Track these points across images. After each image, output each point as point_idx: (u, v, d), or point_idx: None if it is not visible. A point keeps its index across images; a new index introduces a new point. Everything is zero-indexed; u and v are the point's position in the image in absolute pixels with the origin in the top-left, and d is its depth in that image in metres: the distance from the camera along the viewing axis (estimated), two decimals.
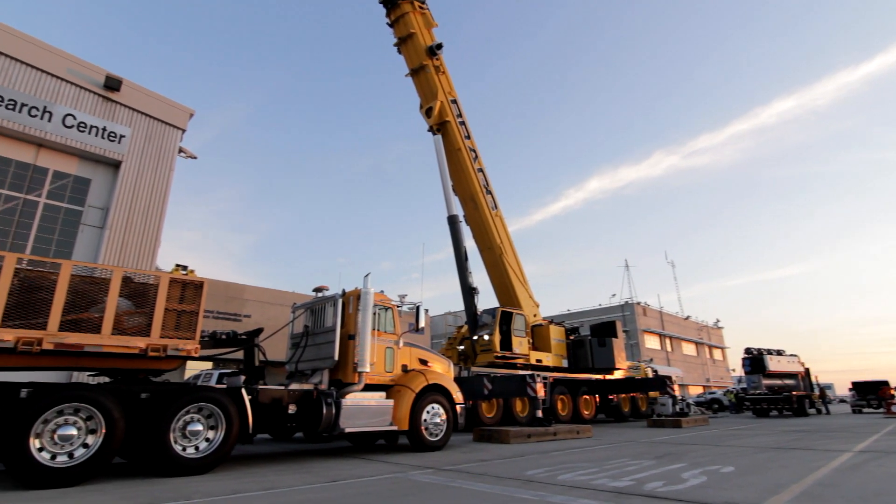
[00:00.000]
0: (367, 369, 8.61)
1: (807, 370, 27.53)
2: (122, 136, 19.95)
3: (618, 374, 20.09)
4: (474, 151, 19.36)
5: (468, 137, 19.33)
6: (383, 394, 9.03)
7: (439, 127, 18.83)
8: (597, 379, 19.23)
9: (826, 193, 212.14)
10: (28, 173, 18.30)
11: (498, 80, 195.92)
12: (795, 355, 27.72)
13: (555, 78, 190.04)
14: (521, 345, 17.23)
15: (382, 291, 9.70)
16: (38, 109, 18.31)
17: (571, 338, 20.15)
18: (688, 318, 59.35)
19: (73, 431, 5.52)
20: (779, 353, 26.79)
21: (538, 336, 18.83)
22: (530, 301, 19.63)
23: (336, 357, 8.66)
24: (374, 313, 9.17)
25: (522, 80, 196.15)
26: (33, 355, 5.67)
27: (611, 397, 20.23)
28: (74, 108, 19.12)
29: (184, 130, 21.94)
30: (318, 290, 9.75)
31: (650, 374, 23.47)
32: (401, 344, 9.77)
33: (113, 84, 19.94)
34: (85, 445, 5.59)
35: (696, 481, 5.60)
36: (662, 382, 18.18)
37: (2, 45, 18.00)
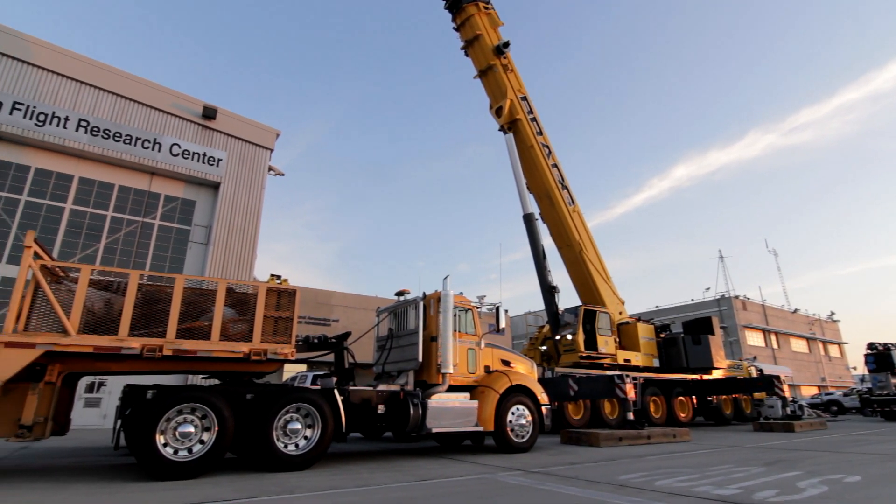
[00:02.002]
0: (451, 370, 8.72)
1: None
2: (219, 160, 21.87)
3: (716, 374, 18.68)
4: (547, 147, 18.98)
5: (540, 133, 18.99)
6: (467, 395, 9.09)
7: (510, 125, 18.68)
8: (693, 379, 18.01)
9: None
10: (144, 199, 20.57)
11: (570, 70, 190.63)
12: None
13: (629, 61, 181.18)
14: (606, 344, 16.58)
15: (461, 293, 9.79)
16: (149, 142, 20.53)
17: (662, 336, 19.05)
18: (795, 311, 53.90)
19: (191, 429, 6.12)
20: None
21: (625, 334, 18.02)
22: (615, 298, 18.84)
23: (420, 359, 8.86)
24: (455, 315, 9.26)
25: (595, 68, 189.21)
26: (155, 360, 6.35)
27: (710, 399, 18.84)
28: (179, 137, 21.27)
29: (272, 150, 23.61)
30: (399, 293, 10.04)
31: (754, 374, 21.60)
32: (482, 345, 9.79)
33: (209, 113, 21.93)
34: (201, 442, 6.18)
35: (815, 491, 5.06)
36: (770, 382, 16.60)
37: (119, 88, 20.42)
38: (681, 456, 8.56)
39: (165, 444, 5.94)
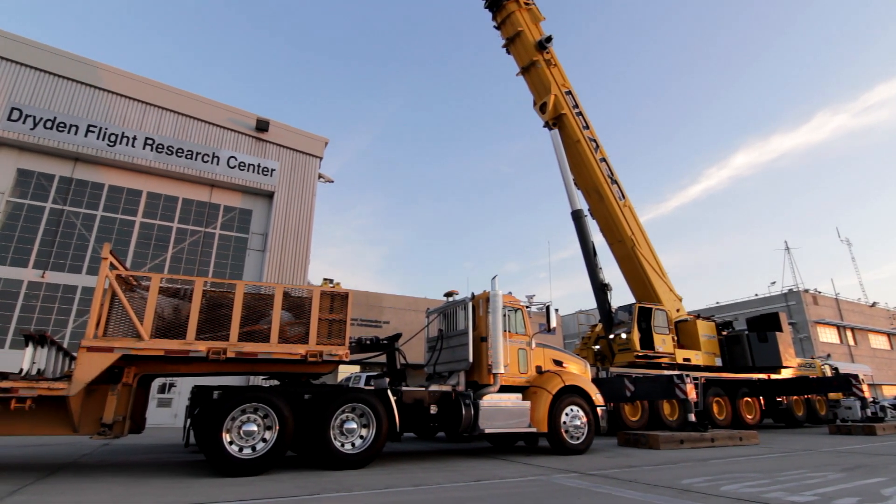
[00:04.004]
0: (502, 371, 8.67)
1: None
2: (272, 170, 22.80)
3: (786, 373, 17.57)
4: (595, 141, 18.51)
5: (587, 128, 18.56)
6: (519, 395, 9.00)
7: (555, 121, 18.36)
8: (759, 379, 17.02)
9: None
10: (205, 210, 21.73)
11: (618, 61, 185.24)
12: None
13: (679, 42, 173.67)
14: (664, 342, 15.96)
15: (510, 293, 9.71)
16: (208, 156, 21.69)
17: (724, 333, 18.11)
18: (874, 304, 49.84)
19: (254, 427, 6.41)
20: None
21: (684, 332, 17.27)
22: (671, 295, 18.11)
23: (470, 359, 8.86)
24: (504, 315, 9.20)
25: (642, 53, 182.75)
26: (220, 362, 6.68)
27: (779, 400, 17.74)
28: (235, 150, 22.34)
29: (321, 158, 24.35)
30: (448, 294, 10.09)
31: (828, 373, 20.16)
32: (533, 345, 9.67)
33: (262, 126, 22.92)
34: (264, 440, 6.45)
35: None
36: (846, 382, 15.43)
37: (179, 107, 21.71)
38: (748, 460, 8.11)
39: (231, 442, 6.24)
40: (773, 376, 17.27)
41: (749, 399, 16.67)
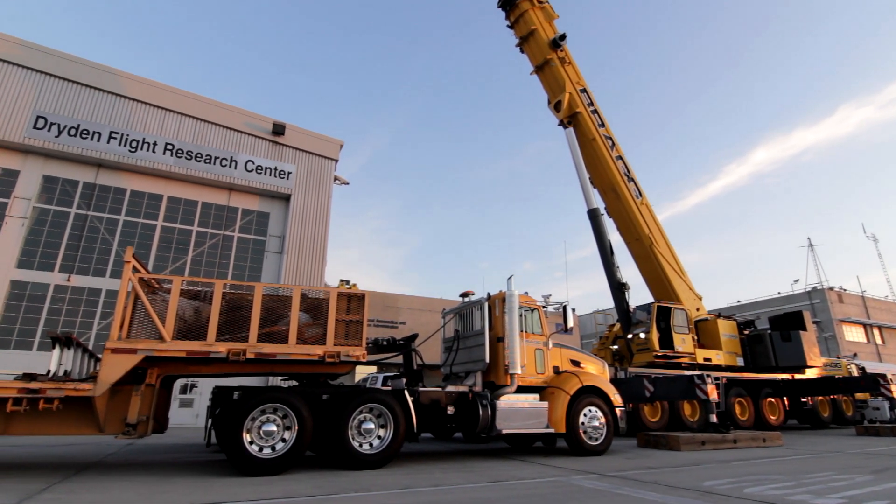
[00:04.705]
0: (519, 371, 8.63)
1: None
2: (289, 173, 23.07)
3: (810, 373, 17.15)
4: (610, 139, 18.32)
5: (602, 125, 18.37)
6: (536, 396, 8.96)
7: (570, 119, 18.21)
8: (783, 379, 16.65)
9: None
10: (224, 213, 22.06)
11: (633, 57, 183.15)
12: None
13: (695, 34, 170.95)
14: (683, 342, 15.72)
15: (526, 293, 9.67)
16: (226, 160, 22.02)
17: (746, 333, 17.76)
18: None
19: (274, 427, 6.48)
20: None
21: (704, 332, 16.99)
22: (691, 294, 17.83)
23: (487, 359, 8.84)
24: (521, 315, 9.15)
25: (657, 45, 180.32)
26: (239, 363, 6.78)
27: (804, 400, 17.32)
28: (252, 154, 22.65)
29: (336, 160, 24.55)
30: (464, 295, 10.09)
31: (855, 372, 19.62)
32: (550, 345, 9.61)
33: (279, 129, 23.20)
34: (283, 440, 6.52)
35: None
36: (874, 382, 14.99)
37: (198, 112, 22.09)
38: (772, 461, 7.94)
39: (251, 442, 6.32)
40: (797, 376, 16.88)
41: (772, 400, 16.32)
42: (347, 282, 7.84)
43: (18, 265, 17.91)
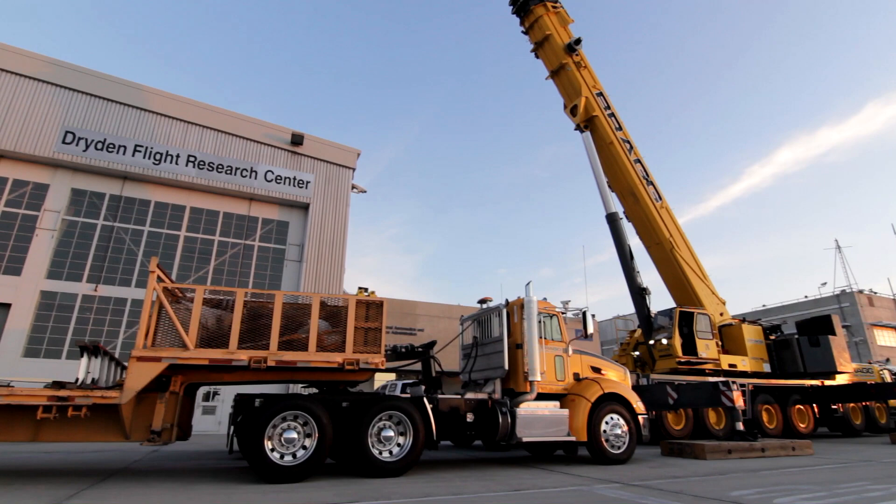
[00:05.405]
0: (539, 378, 8.55)
1: None
2: (307, 182, 23.39)
3: (841, 379, 16.62)
4: (628, 142, 18.15)
5: (619, 129, 18.22)
6: (557, 403, 8.85)
7: (587, 123, 18.11)
8: (812, 385, 16.16)
9: None
10: (245, 223, 22.44)
11: (652, 55, 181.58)
12: None
13: (715, 32, 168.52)
14: (707, 348, 15.39)
15: (545, 299, 9.60)
16: (247, 171, 22.43)
17: (772, 338, 17.30)
18: None
19: (295, 435, 6.53)
20: None
21: (728, 337, 16.61)
22: (714, 298, 17.47)
23: (506, 366, 8.77)
24: (540, 321, 9.08)
25: (676, 45, 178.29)
26: (261, 371, 6.86)
27: (834, 407, 16.77)
28: (271, 164, 23.03)
29: (354, 169, 24.81)
30: (482, 301, 10.05)
31: (888, 378, 18.94)
32: (570, 351, 9.50)
33: (297, 140, 23.56)
34: (304, 447, 6.56)
35: None
36: None
37: (219, 124, 22.57)
38: (802, 471, 7.70)
39: (273, 449, 6.38)
40: (827, 382, 16.37)
41: (801, 407, 15.86)
42: (366, 289, 7.88)
43: (48, 276, 18.46)
